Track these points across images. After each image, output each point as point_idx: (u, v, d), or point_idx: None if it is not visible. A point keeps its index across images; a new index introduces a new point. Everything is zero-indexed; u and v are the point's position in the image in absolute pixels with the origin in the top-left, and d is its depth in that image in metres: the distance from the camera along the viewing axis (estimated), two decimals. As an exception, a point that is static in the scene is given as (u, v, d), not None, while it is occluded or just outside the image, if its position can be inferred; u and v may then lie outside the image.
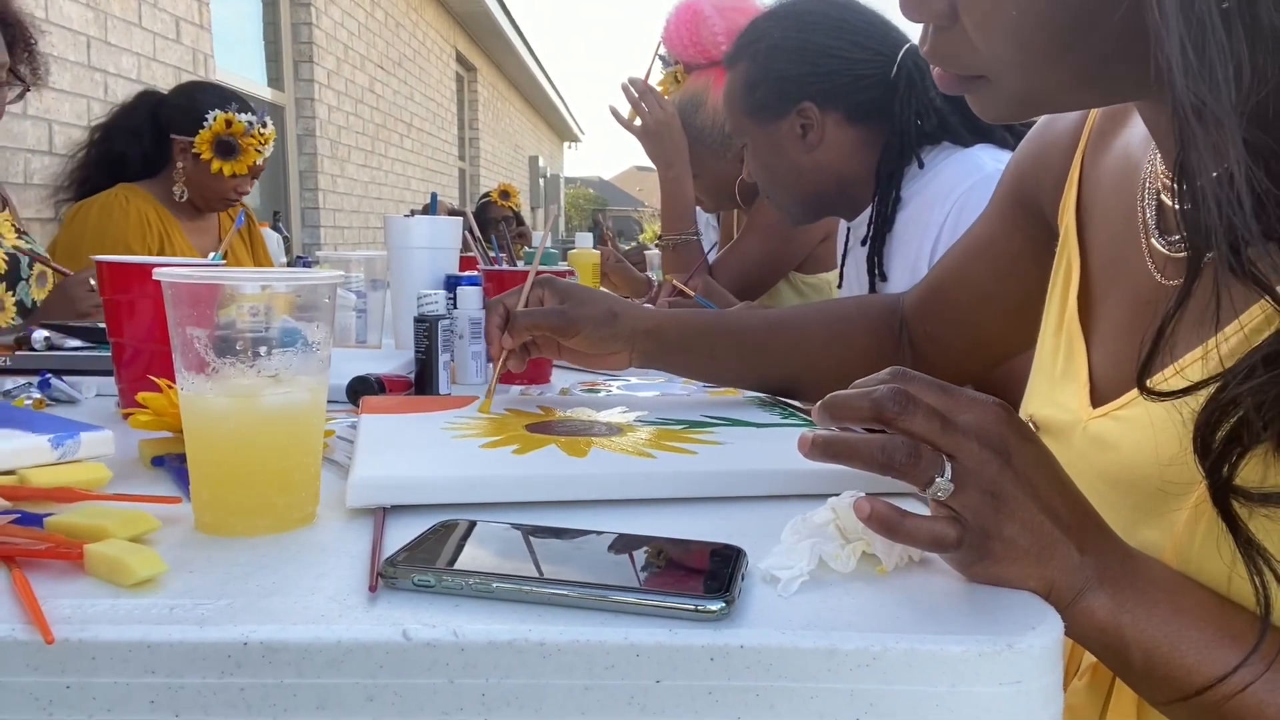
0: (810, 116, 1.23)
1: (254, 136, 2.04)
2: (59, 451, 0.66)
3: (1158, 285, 0.59)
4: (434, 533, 0.53)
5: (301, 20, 5.19)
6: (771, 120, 1.27)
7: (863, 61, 1.22)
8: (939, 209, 1.10)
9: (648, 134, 1.83)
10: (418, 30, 7.47)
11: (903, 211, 1.19)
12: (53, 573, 0.48)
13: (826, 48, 1.23)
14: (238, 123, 2.02)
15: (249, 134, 2.03)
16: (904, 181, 1.21)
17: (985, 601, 0.48)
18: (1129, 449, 0.56)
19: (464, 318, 1.13)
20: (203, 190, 2.07)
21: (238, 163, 2.03)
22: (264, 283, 0.55)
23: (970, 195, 1.07)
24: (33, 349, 1.14)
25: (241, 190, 2.11)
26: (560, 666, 0.43)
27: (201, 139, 2.00)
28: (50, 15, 2.82)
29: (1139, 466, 0.55)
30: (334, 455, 0.73)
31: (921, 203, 1.14)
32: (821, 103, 1.23)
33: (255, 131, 2.05)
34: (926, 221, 1.11)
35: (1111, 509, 0.56)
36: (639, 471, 0.65)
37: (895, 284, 1.18)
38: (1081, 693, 0.63)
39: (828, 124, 1.23)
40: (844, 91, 1.23)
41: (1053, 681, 0.44)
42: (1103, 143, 0.70)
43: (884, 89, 1.21)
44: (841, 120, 1.23)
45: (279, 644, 0.42)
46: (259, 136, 2.06)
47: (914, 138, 1.19)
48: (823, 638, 0.43)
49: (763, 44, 1.27)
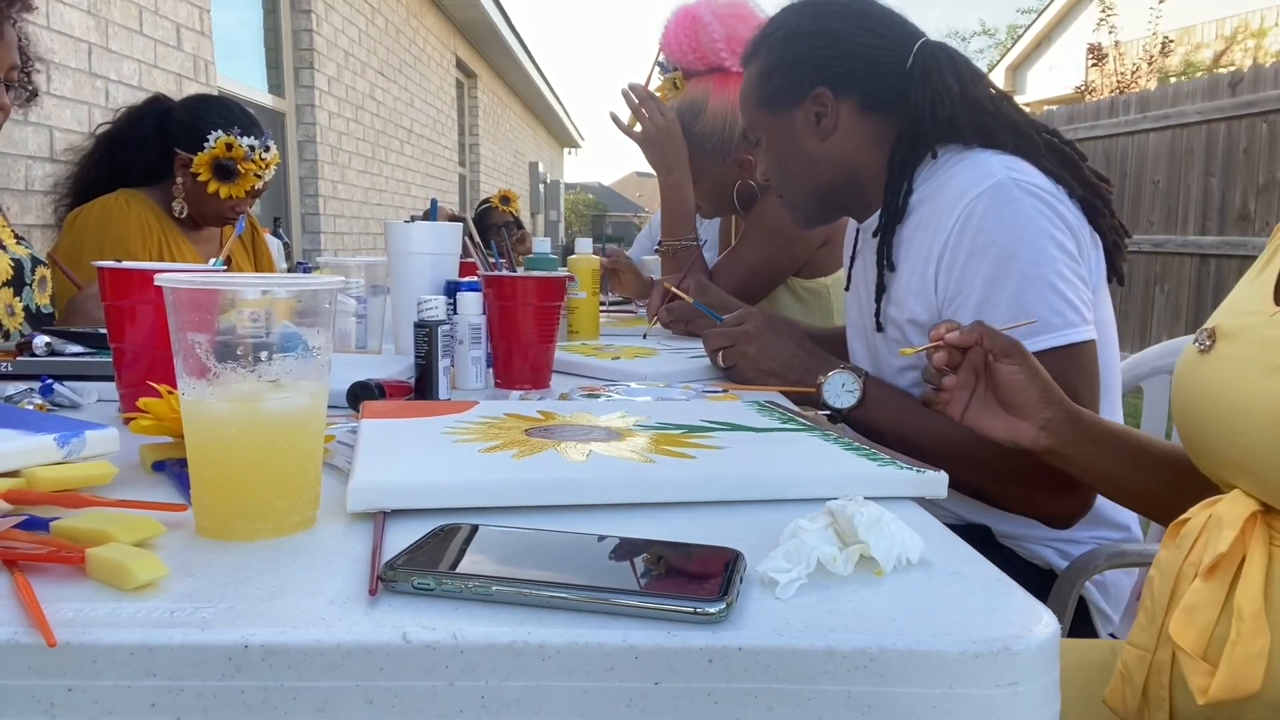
0: (825, 103, 1.22)
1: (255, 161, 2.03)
2: (65, 450, 0.67)
3: None
4: (433, 537, 0.53)
5: (302, 27, 5.21)
6: (785, 108, 1.26)
7: (878, 49, 1.21)
8: (950, 213, 1.09)
9: (648, 140, 1.83)
10: (418, 37, 7.49)
11: (915, 204, 1.17)
12: (55, 577, 0.48)
13: (842, 33, 1.22)
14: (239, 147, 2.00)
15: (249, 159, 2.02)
16: (917, 172, 1.20)
17: (982, 604, 0.48)
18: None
19: (464, 323, 1.14)
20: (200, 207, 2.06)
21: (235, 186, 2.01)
22: (264, 288, 0.56)
23: (979, 202, 1.07)
24: (34, 354, 1.14)
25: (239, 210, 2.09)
26: (559, 669, 0.43)
27: (200, 161, 1.98)
28: (51, 22, 2.83)
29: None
30: (334, 460, 0.74)
31: (935, 203, 1.13)
32: (836, 89, 1.22)
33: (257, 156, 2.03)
34: (938, 224, 1.11)
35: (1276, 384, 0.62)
36: (638, 476, 0.65)
37: (903, 276, 1.17)
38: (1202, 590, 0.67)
39: (842, 111, 1.22)
40: (859, 78, 1.22)
41: (1049, 682, 0.44)
42: None
43: (899, 78, 1.20)
44: (855, 109, 1.22)
45: (279, 647, 0.42)
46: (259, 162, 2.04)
47: (929, 128, 1.18)
48: (820, 640, 0.43)
49: (780, 33, 1.27)
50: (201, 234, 2.13)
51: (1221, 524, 0.67)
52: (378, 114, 6.41)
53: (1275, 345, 0.65)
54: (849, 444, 0.77)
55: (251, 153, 2.02)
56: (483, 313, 1.16)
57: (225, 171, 2.01)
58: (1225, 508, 0.68)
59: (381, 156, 6.51)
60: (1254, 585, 0.63)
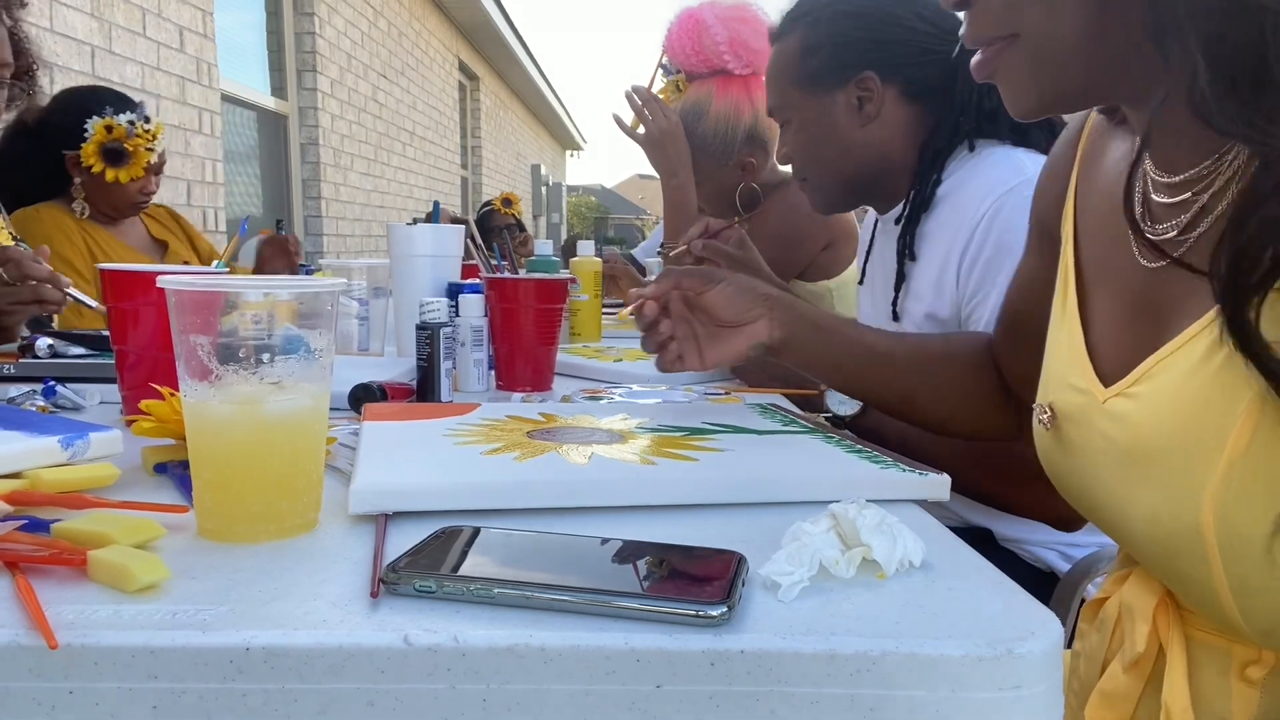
0: (870, 88, 1.18)
1: (140, 136, 1.96)
2: (69, 452, 0.67)
3: (1146, 270, 0.62)
4: (435, 539, 0.53)
5: (305, 30, 5.22)
6: (827, 90, 1.21)
7: (927, 35, 1.18)
8: (977, 207, 1.08)
9: (651, 142, 1.83)
10: (420, 39, 7.50)
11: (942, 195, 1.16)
12: (57, 579, 0.48)
13: (895, 16, 1.19)
14: (118, 126, 1.93)
15: (132, 135, 1.95)
16: (951, 163, 1.17)
17: (985, 606, 0.48)
18: (1149, 423, 0.58)
19: (466, 325, 1.14)
20: (108, 200, 2.00)
21: (131, 167, 1.95)
22: (267, 290, 0.56)
23: (1008, 199, 1.05)
24: (36, 356, 1.14)
25: (147, 191, 2.04)
26: (561, 672, 0.43)
27: (87, 152, 1.92)
28: (55, 25, 2.84)
29: (1160, 438, 0.57)
30: (336, 462, 0.74)
31: (961, 196, 1.11)
32: (884, 74, 1.18)
33: (139, 130, 1.97)
34: (964, 217, 1.09)
35: (1140, 483, 0.58)
36: (640, 478, 0.65)
37: (924, 267, 1.15)
38: (1121, 680, 0.66)
39: (886, 97, 1.19)
40: (906, 64, 1.18)
41: (1052, 686, 0.44)
42: (1092, 160, 0.74)
43: (944, 66, 1.16)
44: (899, 95, 1.19)
45: (281, 649, 0.42)
46: (144, 135, 1.97)
47: (972, 120, 1.15)
48: (823, 643, 0.43)
49: (825, 10, 1.22)
50: (121, 228, 2.09)
51: (1134, 615, 0.66)
52: (380, 116, 6.41)
53: (1125, 448, 0.60)
54: (851, 446, 0.77)
55: (132, 128, 1.97)
56: (485, 315, 1.16)
57: (115, 155, 1.95)
58: (1134, 594, 0.67)
59: (384, 159, 6.52)
60: (1178, 683, 0.61)
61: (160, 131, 2.03)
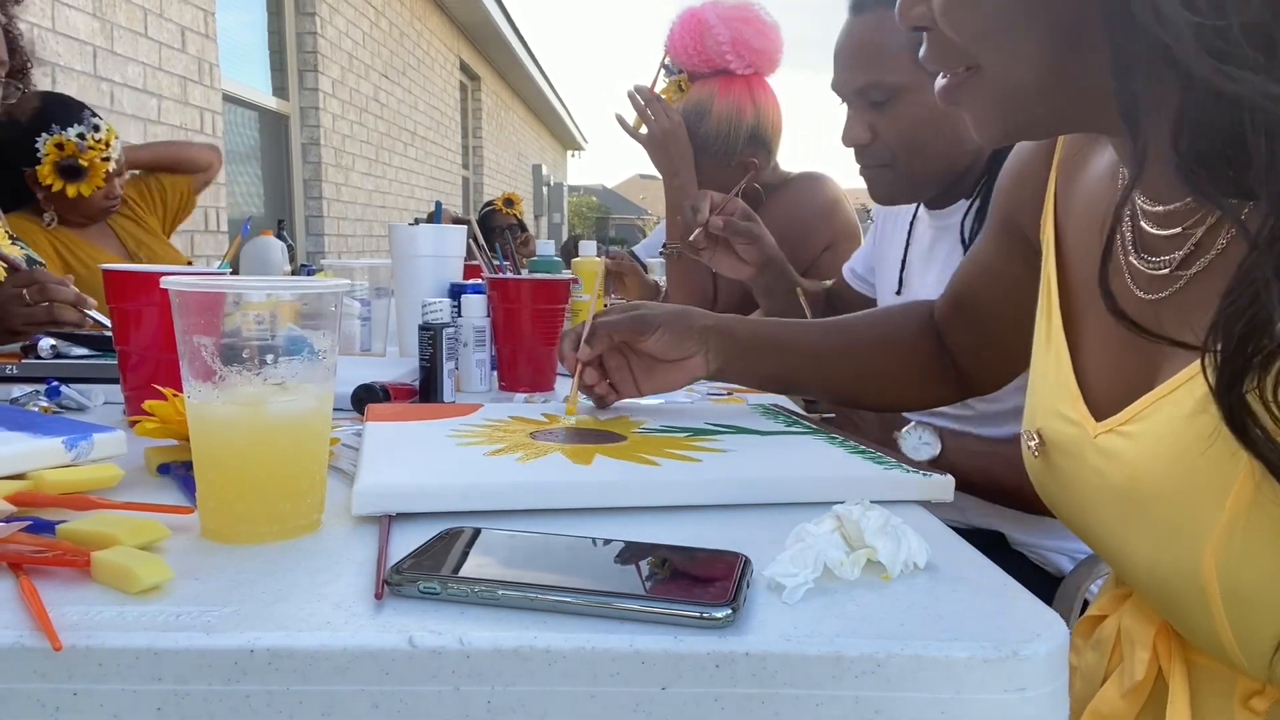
0: None
1: (92, 148, 1.92)
2: (73, 453, 0.67)
3: (1140, 301, 0.59)
4: (439, 540, 0.53)
5: (306, 30, 5.22)
6: None
7: None
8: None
9: (653, 142, 1.83)
10: (422, 39, 7.50)
11: None
12: (61, 580, 0.48)
13: None
14: (68, 143, 1.90)
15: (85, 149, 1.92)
16: None
17: (990, 608, 0.48)
18: (1145, 465, 0.55)
19: (468, 325, 1.14)
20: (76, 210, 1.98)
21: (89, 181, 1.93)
22: (270, 291, 0.56)
23: None
24: (39, 357, 1.14)
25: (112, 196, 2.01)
26: (565, 673, 0.43)
27: (43, 174, 1.89)
28: (56, 25, 2.84)
29: (1156, 482, 0.55)
30: (339, 463, 0.73)
31: None
32: None
33: (90, 142, 1.93)
34: None
35: (1138, 525, 0.56)
36: (643, 479, 0.65)
37: None
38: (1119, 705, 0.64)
39: None
40: None
41: (1058, 688, 0.44)
42: (1073, 168, 0.72)
43: None
44: None
45: (285, 651, 0.42)
46: (97, 146, 1.93)
47: None
48: (827, 645, 0.43)
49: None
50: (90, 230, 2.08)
51: (1134, 641, 0.64)
52: (381, 116, 6.41)
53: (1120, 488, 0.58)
54: (855, 447, 0.77)
55: (83, 141, 1.93)
56: (487, 315, 1.16)
57: (71, 171, 1.93)
58: (1133, 620, 0.65)
59: (385, 159, 6.52)
60: (1181, 712, 0.60)
61: (112, 137, 2.00)
